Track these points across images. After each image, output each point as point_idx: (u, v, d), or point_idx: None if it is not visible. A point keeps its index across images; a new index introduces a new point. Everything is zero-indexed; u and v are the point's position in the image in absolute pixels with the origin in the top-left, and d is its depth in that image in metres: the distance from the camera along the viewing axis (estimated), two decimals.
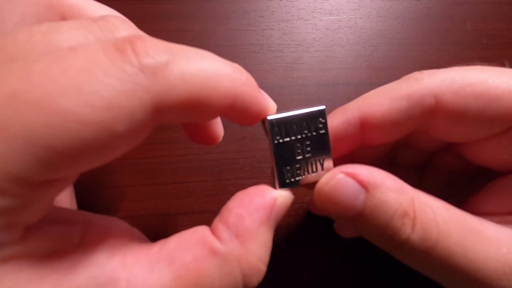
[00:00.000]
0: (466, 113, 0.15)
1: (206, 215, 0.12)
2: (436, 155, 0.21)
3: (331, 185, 0.14)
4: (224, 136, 0.25)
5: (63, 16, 0.16)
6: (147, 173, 0.24)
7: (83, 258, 0.11)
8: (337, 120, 0.16)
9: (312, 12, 0.31)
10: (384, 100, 0.16)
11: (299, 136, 0.15)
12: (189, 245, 0.12)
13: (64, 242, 0.11)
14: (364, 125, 0.16)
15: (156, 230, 0.23)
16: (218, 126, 0.19)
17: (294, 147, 0.15)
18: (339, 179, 0.14)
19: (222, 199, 0.18)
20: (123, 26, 0.13)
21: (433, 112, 0.16)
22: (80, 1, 0.16)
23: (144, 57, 0.10)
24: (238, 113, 0.13)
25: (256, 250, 0.13)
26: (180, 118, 0.12)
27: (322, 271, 0.22)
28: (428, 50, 0.30)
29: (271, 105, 0.14)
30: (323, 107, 0.15)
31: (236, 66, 0.13)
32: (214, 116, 0.13)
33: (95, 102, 0.09)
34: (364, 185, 0.14)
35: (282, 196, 0.14)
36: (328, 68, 0.29)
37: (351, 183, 0.14)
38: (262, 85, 0.27)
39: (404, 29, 0.31)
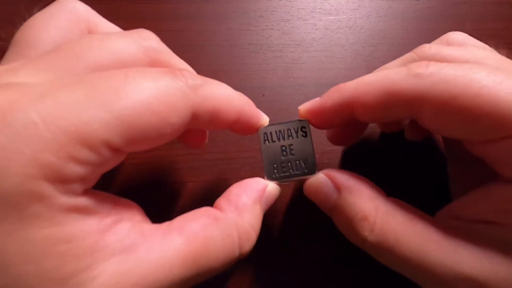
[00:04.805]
0: (447, 125, 0.16)
1: None
2: None
3: (312, 182, 0.18)
4: (224, 136, 0.25)
5: (89, 31, 0.20)
6: (147, 173, 0.24)
7: (113, 225, 0.14)
8: (331, 100, 0.18)
9: (312, 12, 0.31)
10: (376, 90, 0.16)
11: (283, 141, 0.19)
12: (195, 217, 0.16)
13: (101, 209, 0.14)
14: (355, 109, 0.17)
15: None
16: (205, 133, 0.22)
17: (280, 149, 0.19)
18: (318, 178, 0.18)
19: None
20: (152, 38, 0.18)
21: (419, 111, 0.16)
22: (100, 20, 0.21)
23: (188, 78, 0.15)
24: (241, 125, 0.18)
25: (250, 220, 0.17)
26: (205, 124, 0.16)
27: (322, 270, 0.22)
28: None
29: (265, 118, 0.19)
30: (305, 120, 0.19)
31: (240, 93, 0.18)
32: (226, 126, 0.17)
33: (161, 99, 0.14)
34: (338, 187, 0.17)
35: (271, 186, 0.18)
36: (327, 68, 0.29)
37: (328, 183, 0.18)
38: (262, 85, 0.27)
39: (403, 29, 0.31)
